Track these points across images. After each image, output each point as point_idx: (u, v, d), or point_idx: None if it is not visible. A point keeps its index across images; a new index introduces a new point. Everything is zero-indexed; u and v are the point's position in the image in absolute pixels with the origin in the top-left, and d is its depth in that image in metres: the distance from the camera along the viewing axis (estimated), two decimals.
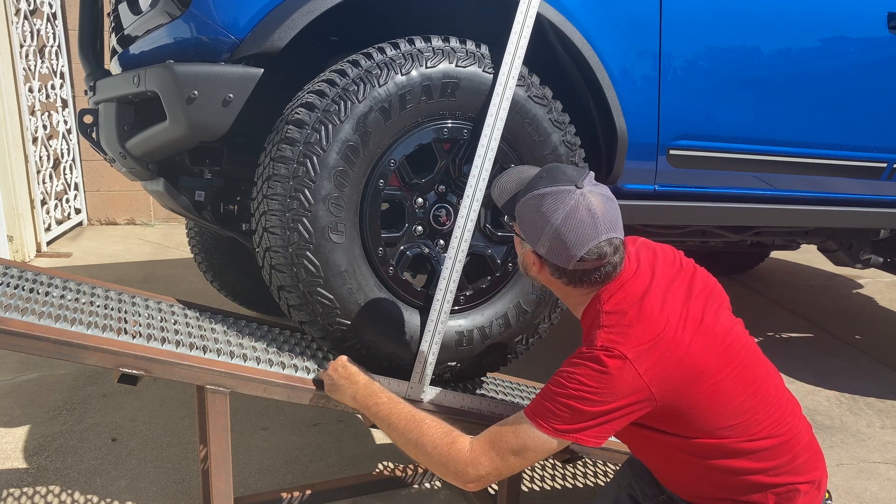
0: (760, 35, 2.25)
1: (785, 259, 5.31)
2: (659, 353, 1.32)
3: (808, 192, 2.49)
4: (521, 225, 1.44)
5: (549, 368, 1.50)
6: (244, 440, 2.43)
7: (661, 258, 1.52)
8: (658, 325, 1.34)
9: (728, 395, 1.38)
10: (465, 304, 1.92)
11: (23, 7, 4.88)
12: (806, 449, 1.46)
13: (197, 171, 2.11)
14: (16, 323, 1.48)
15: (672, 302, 1.40)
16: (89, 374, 2.90)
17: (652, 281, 1.43)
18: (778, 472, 1.42)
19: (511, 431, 1.37)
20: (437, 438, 1.43)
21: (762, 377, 1.45)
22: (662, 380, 1.32)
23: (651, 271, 1.46)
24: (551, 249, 1.39)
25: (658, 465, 1.58)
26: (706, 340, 1.37)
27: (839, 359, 3.44)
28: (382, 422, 1.54)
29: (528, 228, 1.41)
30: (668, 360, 1.32)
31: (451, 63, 1.79)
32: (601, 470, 2.37)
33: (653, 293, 1.40)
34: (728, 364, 1.39)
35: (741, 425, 1.39)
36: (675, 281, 1.46)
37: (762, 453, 1.41)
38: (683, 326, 1.36)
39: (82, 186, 5.95)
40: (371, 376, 1.66)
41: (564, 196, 1.36)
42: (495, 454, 1.37)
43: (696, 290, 1.46)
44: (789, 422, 1.45)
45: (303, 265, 1.69)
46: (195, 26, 1.81)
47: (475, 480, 1.38)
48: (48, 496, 2.09)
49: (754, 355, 1.46)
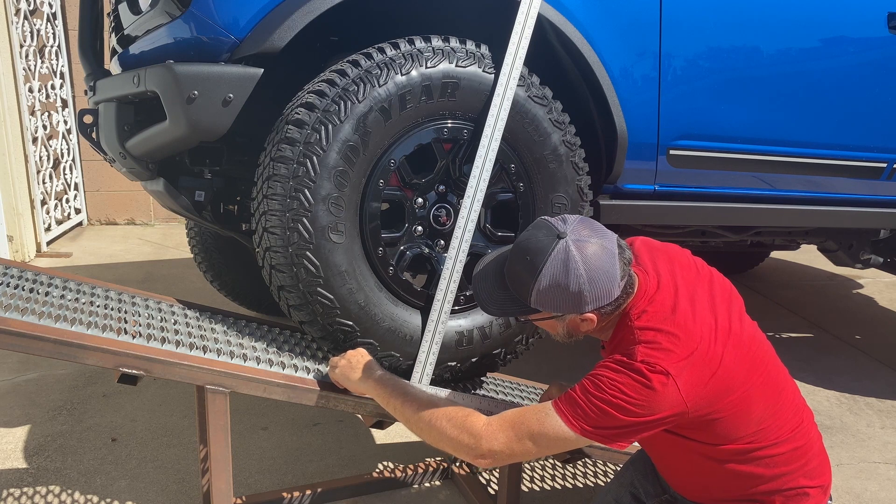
0: (760, 35, 2.25)
1: (785, 259, 5.30)
2: (696, 368, 1.32)
3: (808, 192, 2.49)
4: (551, 310, 1.39)
5: (548, 368, 1.50)
6: (244, 440, 2.43)
7: (678, 264, 1.50)
8: (694, 340, 1.34)
9: (754, 402, 1.39)
10: (466, 304, 1.92)
11: (23, 7, 4.88)
12: (818, 454, 1.48)
13: (197, 171, 2.10)
14: (16, 323, 1.48)
15: (702, 313, 1.39)
16: (89, 374, 2.90)
17: (678, 293, 1.42)
18: (791, 477, 1.43)
19: (535, 417, 1.36)
20: (451, 412, 1.42)
21: (782, 382, 1.47)
22: (697, 394, 1.32)
23: (674, 281, 1.44)
24: (596, 299, 1.36)
25: (669, 465, 1.58)
26: (736, 352, 1.37)
27: (839, 359, 3.44)
28: (396, 405, 1.53)
29: (563, 305, 1.37)
30: (705, 374, 1.32)
31: (451, 63, 1.79)
32: (601, 470, 2.37)
33: (682, 305, 1.39)
34: (754, 372, 1.39)
35: (764, 431, 1.40)
36: (697, 289, 1.45)
37: (779, 458, 1.42)
38: (715, 338, 1.36)
39: (82, 186, 5.95)
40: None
41: (564, 255, 1.33)
42: (513, 433, 1.36)
43: (718, 296, 1.45)
44: (805, 427, 1.46)
45: (303, 265, 1.69)
46: (195, 26, 1.81)
47: (487, 455, 1.37)
48: (48, 496, 2.09)
49: (774, 360, 1.48)
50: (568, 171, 1.97)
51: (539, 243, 1.36)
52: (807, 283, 4.83)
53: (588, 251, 1.34)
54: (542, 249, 1.35)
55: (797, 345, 3.64)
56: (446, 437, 1.41)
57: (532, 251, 1.36)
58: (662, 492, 1.63)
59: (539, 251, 1.35)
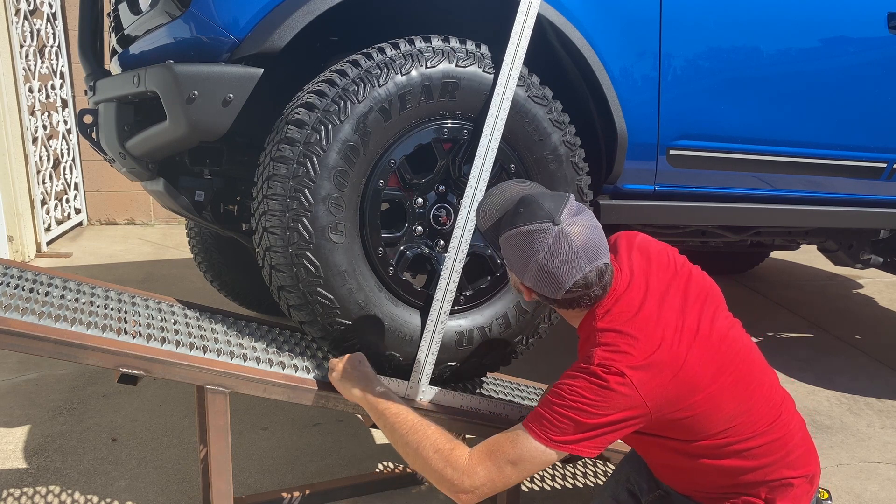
0: (760, 35, 2.25)
1: (785, 259, 5.30)
2: (656, 369, 1.33)
3: (808, 192, 2.49)
4: (505, 257, 1.43)
5: (548, 368, 1.50)
6: (244, 440, 2.43)
7: (656, 264, 1.50)
8: (654, 342, 1.35)
9: (723, 401, 1.39)
10: (466, 304, 1.92)
11: (23, 7, 4.88)
12: (799, 444, 1.49)
13: (197, 171, 2.11)
14: (16, 323, 1.48)
15: (668, 313, 1.40)
16: (89, 374, 2.90)
17: (647, 293, 1.43)
18: (772, 468, 1.44)
19: (509, 441, 1.37)
20: (439, 443, 1.42)
21: (757, 379, 1.46)
22: (658, 395, 1.33)
23: (645, 282, 1.45)
24: (538, 283, 1.39)
25: (655, 462, 1.60)
26: (702, 353, 1.38)
27: (839, 359, 3.44)
28: (387, 423, 1.53)
29: (514, 262, 1.40)
30: (665, 376, 1.33)
31: (451, 63, 1.79)
32: (601, 470, 2.37)
33: (648, 307, 1.40)
34: (723, 372, 1.40)
35: (736, 428, 1.41)
36: (669, 290, 1.45)
37: (756, 450, 1.43)
38: (679, 340, 1.37)
39: (82, 186, 5.95)
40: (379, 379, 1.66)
41: (542, 235, 1.34)
42: (492, 464, 1.36)
43: (692, 297, 1.46)
44: (784, 419, 1.47)
45: (303, 265, 1.69)
46: (195, 26, 1.81)
47: (469, 491, 1.37)
48: (48, 496, 2.09)
49: (749, 357, 1.47)
50: (568, 171, 1.97)
51: (540, 208, 1.36)
52: (807, 283, 4.83)
53: (560, 251, 1.34)
54: (536, 214, 1.35)
55: (797, 345, 3.64)
56: (430, 468, 1.41)
57: (531, 209, 1.37)
58: (656, 487, 1.65)
59: (534, 214, 1.36)
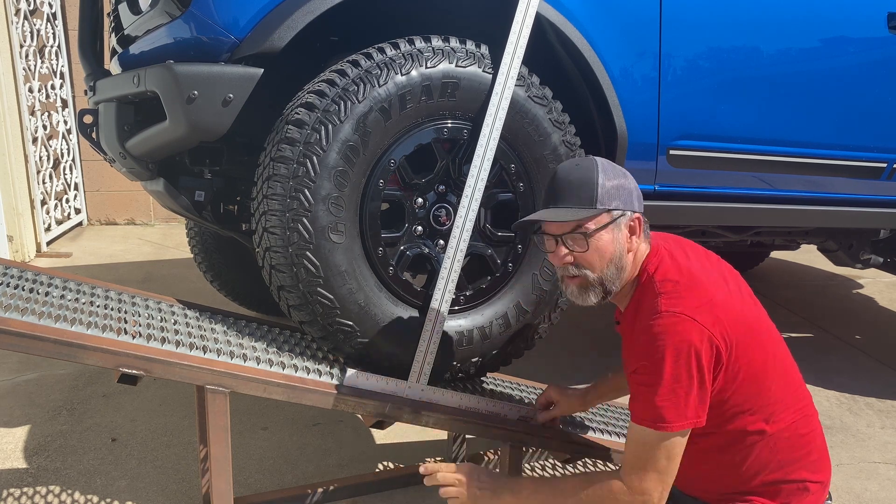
0: (760, 35, 2.25)
1: (785, 259, 5.30)
2: (716, 312, 1.38)
3: (808, 192, 2.49)
4: (619, 203, 1.44)
5: (548, 368, 1.50)
6: (244, 440, 2.43)
7: (688, 245, 1.57)
8: (709, 291, 1.41)
9: (770, 374, 1.44)
10: (465, 304, 1.92)
11: (23, 7, 4.88)
12: (820, 447, 1.52)
13: (197, 171, 2.11)
14: (16, 323, 1.48)
15: (713, 276, 1.47)
16: (89, 374, 2.90)
17: (689, 260, 1.49)
18: (793, 467, 1.45)
19: (654, 447, 1.37)
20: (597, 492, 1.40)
21: (794, 368, 1.53)
22: (724, 333, 1.37)
23: (685, 253, 1.52)
24: (639, 196, 1.48)
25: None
26: (754, 311, 1.47)
27: (839, 359, 3.43)
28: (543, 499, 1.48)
29: (623, 198, 1.44)
30: (727, 318, 1.38)
31: (450, 63, 1.79)
32: (601, 470, 2.36)
33: (694, 266, 1.47)
34: (771, 341, 1.47)
35: (773, 409, 1.44)
36: (706, 264, 1.52)
37: (783, 443, 1.44)
38: (730, 294, 1.45)
39: (82, 186, 5.95)
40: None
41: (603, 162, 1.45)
42: (654, 474, 1.37)
43: (729, 278, 1.52)
44: (811, 417, 1.51)
45: (303, 265, 1.69)
46: (195, 26, 1.81)
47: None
48: (48, 496, 2.09)
49: (784, 346, 1.53)
50: None
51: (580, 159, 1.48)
52: (807, 283, 4.83)
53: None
54: (586, 163, 1.46)
55: (797, 345, 3.63)
56: None
57: (579, 163, 1.47)
58: None
59: (585, 163, 1.46)
